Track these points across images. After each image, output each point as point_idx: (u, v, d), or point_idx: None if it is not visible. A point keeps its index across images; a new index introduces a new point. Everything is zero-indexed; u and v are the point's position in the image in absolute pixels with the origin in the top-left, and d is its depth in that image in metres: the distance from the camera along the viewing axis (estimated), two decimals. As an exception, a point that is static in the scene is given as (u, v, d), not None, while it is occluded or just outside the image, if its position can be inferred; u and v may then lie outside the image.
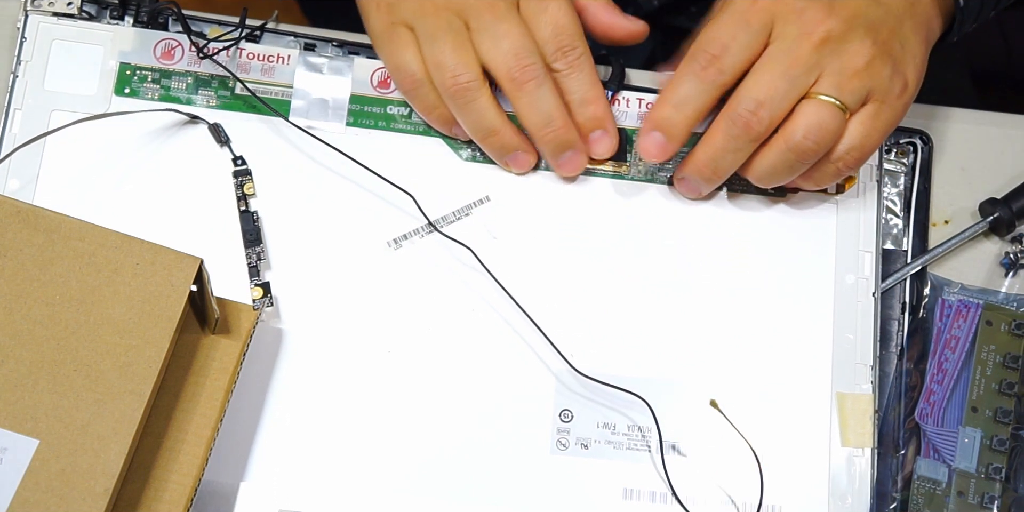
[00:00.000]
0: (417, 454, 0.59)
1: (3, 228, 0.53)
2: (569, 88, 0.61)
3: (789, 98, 0.58)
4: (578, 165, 0.62)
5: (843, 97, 0.57)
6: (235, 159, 0.62)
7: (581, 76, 0.61)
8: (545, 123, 0.60)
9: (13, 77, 0.62)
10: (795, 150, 0.58)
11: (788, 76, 0.57)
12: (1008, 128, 0.68)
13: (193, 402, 0.55)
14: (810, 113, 0.57)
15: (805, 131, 0.57)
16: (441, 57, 0.59)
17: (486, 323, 0.61)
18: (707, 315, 0.62)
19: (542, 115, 0.60)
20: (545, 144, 0.61)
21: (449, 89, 0.59)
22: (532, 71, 0.59)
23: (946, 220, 0.66)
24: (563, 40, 0.60)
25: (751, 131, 0.58)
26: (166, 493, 0.54)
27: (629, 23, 0.63)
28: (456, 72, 0.59)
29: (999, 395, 0.61)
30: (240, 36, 0.63)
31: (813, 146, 0.57)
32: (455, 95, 0.59)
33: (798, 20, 0.58)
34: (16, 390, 0.51)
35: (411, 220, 0.62)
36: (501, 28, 0.59)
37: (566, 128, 0.61)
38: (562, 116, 0.60)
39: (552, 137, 0.61)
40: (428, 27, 0.60)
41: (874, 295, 0.63)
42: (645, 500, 0.60)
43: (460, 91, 0.59)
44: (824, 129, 0.57)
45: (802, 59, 0.57)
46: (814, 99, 0.57)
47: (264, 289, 0.60)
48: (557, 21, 0.60)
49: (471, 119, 0.60)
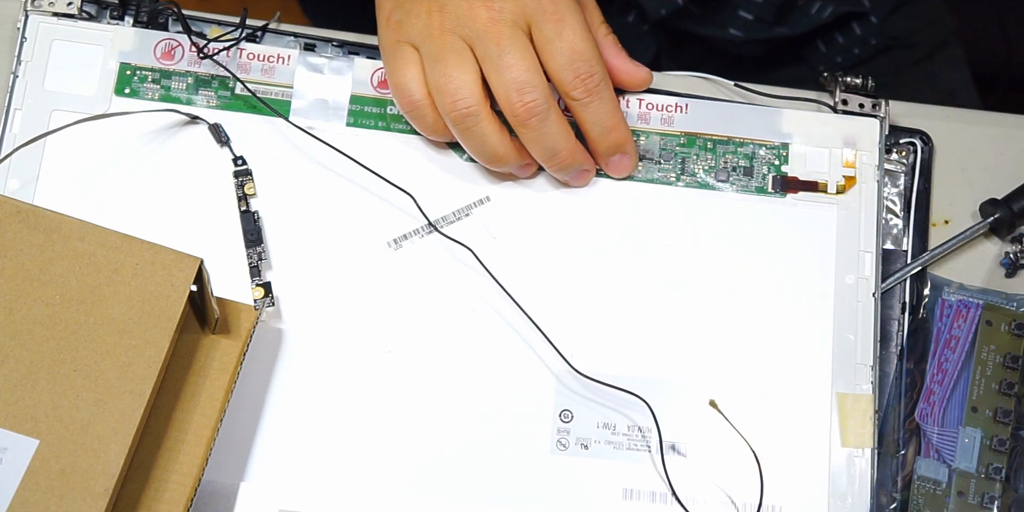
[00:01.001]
0: (417, 454, 0.59)
1: (3, 228, 0.53)
2: (589, 118, 0.60)
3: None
4: (587, 180, 0.63)
5: None
6: (235, 159, 0.62)
7: (601, 105, 0.60)
8: (550, 156, 0.60)
9: (13, 77, 0.62)
10: None
11: None
12: (1009, 128, 0.68)
13: (193, 402, 0.55)
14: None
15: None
16: (443, 81, 0.58)
17: (486, 323, 0.61)
18: (707, 315, 0.62)
19: (547, 150, 0.60)
20: (554, 171, 0.62)
21: (449, 114, 0.59)
22: (534, 108, 0.58)
23: (946, 220, 0.66)
24: (581, 68, 0.59)
25: None
26: (166, 493, 0.54)
27: (635, 68, 0.63)
28: (456, 97, 0.58)
29: (999, 395, 0.61)
30: (240, 36, 0.63)
31: None
32: (455, 121, 0.59)
33: None
34: (16, 390, 0.51)
35: (411, 220, 0.62)
36: (506, 60, 0.58)
37: (572, 156, 0.61)
38: (568, 146, 0.60)
39: (559, 167, 0.61)
40: (433, 49, 0.59)
41: (874, 295, 0.63)
42: (645, 500, 0.60)
43: (460, 117, 0.59)
44: None
45: None
46: None
47: (265, 289, 0.60)
48: (574, 47, 0.59)
49: (472, 144, 0.60)
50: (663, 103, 0.65)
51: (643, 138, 0.64)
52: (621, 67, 0.63)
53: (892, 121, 0.66)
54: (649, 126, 0.64)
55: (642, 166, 0.64)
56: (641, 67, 0.63)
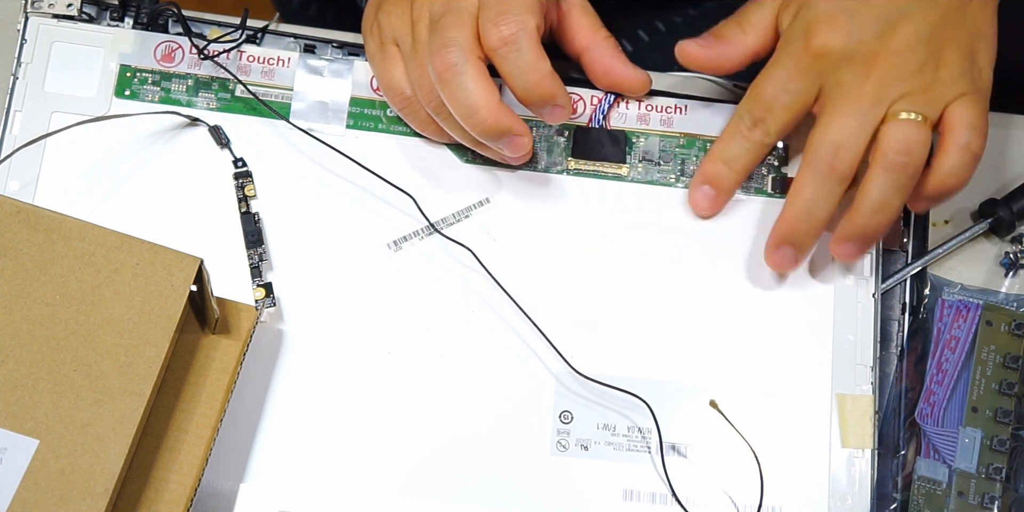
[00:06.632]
0: (417, 455, 0.59)
1: (3, 228, 0.53)
2: (507, 70, 0.57)
3: (865, 132, 0.57)
4: (521, 147, 0.59)
5: (921, 110, 0.57)
6: (236, 161, 0.62)
7: (519, 56, 0.56)
8: (468, 115, 0.57)
9: (13, 79, 0.62)
10: (890, 169, 0.57)
11: (858, 113, 0.57)
12: (1008, 128, 0.68)
13: (193, 402, 0.55)
14: (893, 132, 0.57)
15: (895, 149, 0.57)
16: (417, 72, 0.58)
17: (486, 324, 0.61)
18: (707, 316, 0.62)
19: (465, 108, 0.57)
20: (477, 134, 0.58)
21: (429, 105, 0.59)
22: (449, 60, 0.56)
23: (946, 220, 0.66)
24: (499, 18, 0.56)
25: (836, 172, 0.58)
26: (166, 493, 0.54)
27: (635, 72, 0.62)
28: (431, 87, 0.58)
29: (999, 395, 0.61)
30: (241, 38, 0.63)
31: (905, 159, 0.57)
32: (434, 111, 0.59)
33: (850, 66, 0.57)
34: (16, 390, 0.51)
35: (411, 222, 0.62)
36: (442, 21, 0.57)
37: (494, 117, 0.57)
38: (487, 105, 0.56)
39: (480, 129, 0.57)
40: (410, 41, 0.59)
41: (874, 296, 0.63)
42: (645, 501, 0.60)
43: (437, 105, 0.58)
44: (911, 142, 0.57)
45: (866, 95, 0.57)
46: (892, 121, 0.57)
47: (267, 290, 0.60)
48: (501, 5, 0.56)
49: (457, 133, 0.60)
50: (662, 104, 0.65)
51: (643, 139, 0.64)
52: (620, 71, 0.62)
53: (891, 122, 0.66)
54: (649, 127, 0.64)
55: (642, 167, 0.64)
56: (640, 71, 0.63)
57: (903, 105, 0.57)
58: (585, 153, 0.64)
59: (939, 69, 0.57)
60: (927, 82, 0.57)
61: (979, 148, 0.58)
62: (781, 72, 0.59)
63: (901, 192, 0.58)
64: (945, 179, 0.58)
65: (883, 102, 0.57)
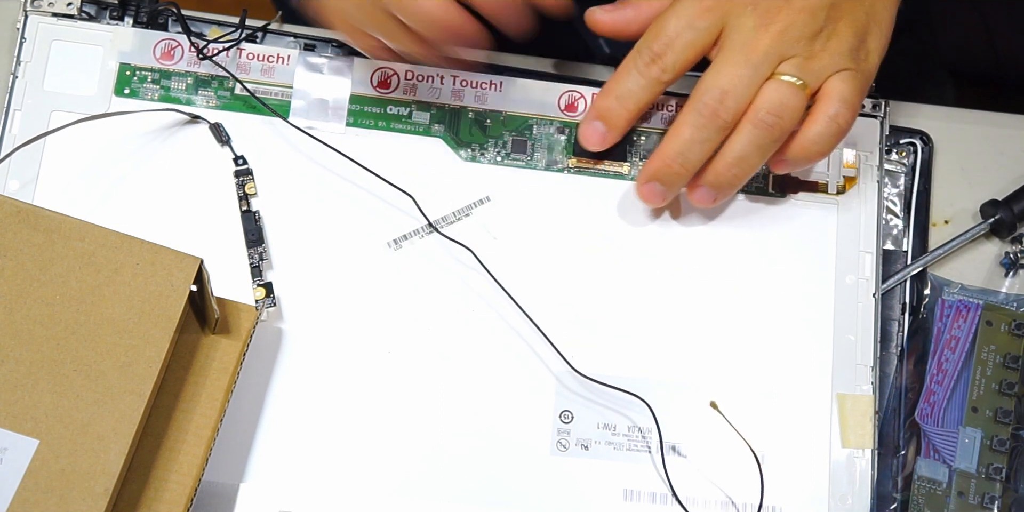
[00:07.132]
0: (417, 455, 0.59)
1: (3, 228, 0.52)
2: (407, 17, 0.56)
3: (753, 84, 0.58)
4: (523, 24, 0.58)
5: (804, 76, 0.58)
6: (236, 159, 0.62)
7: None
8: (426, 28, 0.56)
9: (13, 77, 0.62)
10: (758, 127, 0.58)
11: (749, 64, 0.58)
12: (1008, 128, 0.68)
13: (193, 402, 0.55)
14: (771, 92, 0.58)
15: (768, 108, 0.57)
16: None
17: (486, 324, 0.61)
18: (707, 315, 0.62)
19: (424, 26, 0.56)
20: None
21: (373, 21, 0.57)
22: None
23: (946, 220, 0.66)
24: None
25: (718, 120, 0.58)
26: (166, 493, 0.54)
27: None
28: None
29: (999, 395, 0.61)
30: (240, 37, 0.63)
31: (774, 120, 0.57)
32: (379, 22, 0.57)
33: (754, 12, 0.58)
34: (16, 390, 0.51)
35: (411, 221, 0.62)
36: None
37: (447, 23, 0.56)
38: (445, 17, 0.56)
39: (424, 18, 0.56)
40: None
41: (874, 296, 0.63)
42: (645, 501, 0.60)
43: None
44: (784, 105, 0.57)
45: (761, 48, 0.58)
46: (774, 80, 0.58)
47: (267, 289, 0.60)
48: None
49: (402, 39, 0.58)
50: (664, 102, 0.65)
51: (643, 138, 0.64)
52: None
53: (892, 121, 0.66)
54: (650, 125, 0.64)
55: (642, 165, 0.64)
56: None
57: (788, 67, 0.58)
58: (586, 151, 0.64)
59: (830, 39, 0.58)
60: (817, 49, 0.58)
61: (846, 122, 0.59)
62: (689, 8, 0.59)
63: (762, 151, 0.59)
64: (807, 145, 0.59)
65: (774, 58, 0.58)
